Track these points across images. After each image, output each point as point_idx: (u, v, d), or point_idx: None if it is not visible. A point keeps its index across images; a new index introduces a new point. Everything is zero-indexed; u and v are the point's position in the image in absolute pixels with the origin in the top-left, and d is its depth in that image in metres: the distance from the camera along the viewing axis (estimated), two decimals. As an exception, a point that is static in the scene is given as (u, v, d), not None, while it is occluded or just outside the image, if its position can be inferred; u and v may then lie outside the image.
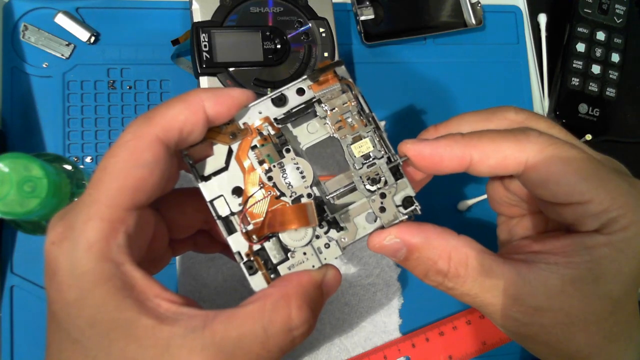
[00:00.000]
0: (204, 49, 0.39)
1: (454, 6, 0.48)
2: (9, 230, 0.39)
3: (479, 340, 0.43)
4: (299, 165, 0.26)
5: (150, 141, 0.21)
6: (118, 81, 0.42)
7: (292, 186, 0.25)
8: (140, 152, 0.21)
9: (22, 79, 0.41)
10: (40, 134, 0.41)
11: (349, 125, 0.26)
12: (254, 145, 0.25)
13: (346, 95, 0.26)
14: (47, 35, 0.41)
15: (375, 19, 0.46)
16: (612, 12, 0.50)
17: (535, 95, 0.49)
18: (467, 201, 0.45)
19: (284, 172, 0.26)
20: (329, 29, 0.42)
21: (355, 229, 0.26)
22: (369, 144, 0.26)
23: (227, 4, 0.40)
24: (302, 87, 0.26)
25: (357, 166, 0.26)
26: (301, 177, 0.25)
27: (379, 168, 0.26)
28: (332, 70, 0.26)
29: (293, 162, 0.26)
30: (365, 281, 0.43)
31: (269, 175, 0.25)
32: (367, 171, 0.26)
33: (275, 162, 0.25)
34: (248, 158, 0.25)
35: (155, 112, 0.22)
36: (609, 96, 0.49)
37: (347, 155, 0.26)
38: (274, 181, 0.25)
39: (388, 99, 0.46)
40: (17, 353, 0.38)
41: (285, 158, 0.26)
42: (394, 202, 0.26)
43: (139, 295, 0.20)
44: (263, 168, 0.25)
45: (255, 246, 0.25)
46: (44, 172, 0.28)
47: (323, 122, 0.26)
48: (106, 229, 0.20)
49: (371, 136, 0.26)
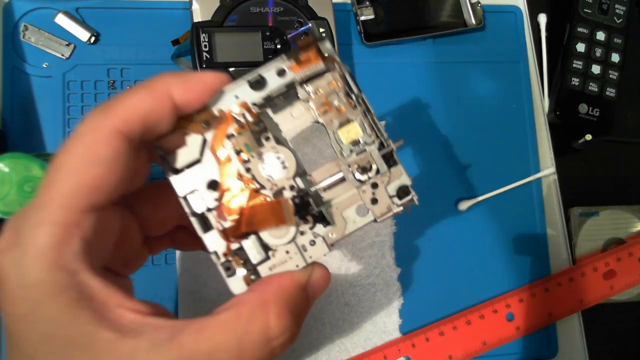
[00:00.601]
0: (204, 49, 0.39)
1: (454, 6, 0.48)
2: (9, 230, 0.39)
3: (479, 340, 0.43)
4: (280, 155, 0.23)
5: (109, 134, 0.19)
6: (118, 81, 0.42)
7: (272, 178, 0.23)
8: (97, 146, 0.19)
9: (22, 79, 0.41)
10: (41, 134, 0.41)
11: (335, 108, 0.23)
12: (230, 134, 0.23)
13: (331, 75, 0.23)
14: (47, 35, 0.41)
15: (375, 19, 0.46)
16: (612, 12, 0.50)
17: (535, 95, 0.49)
18: (467, 201, 0.45)
19: (264, 163, 0.23)
20: (329, 29, 0.42)
21: (344, 223, 0.23)
22: (357, 129, 0.23)
23: (227, 4, 0.40)
24: (282, 67, 0.23)
25: (345, 153, 0.23)
26: (283, 168, 0.23)
27: (369, 155, 0.23)
28: (315, 48, 0.23)
29: (273, 151, 0.23)
30: (365, 281, 0.43)
31: (247, 167, 0.22)
32: (356, 159, 0.23)
33: (253, 151, 0.23)
34: (224, 148, 0.22)
35: (115, 101, 0.19)
36: (609, 96, 0.49)
37: (333, 142, 0.23)
38: (253, 173, 0.22)
39: (388, 99, 0.46)
40: (17, 353, 0.38)
41: (265, 147, 0.23)
42: (388, 193, 0.23)
43: (98, 306, 0.18)
44: (240, 159, 0.22)
45: (234, 245, 0.22)
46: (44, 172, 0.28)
47: (306, 106, 0.23)
48: (58, 234, 0.18)
49: (360, 120, 0.23)
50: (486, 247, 0.46)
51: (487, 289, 0.45)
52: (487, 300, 0.44)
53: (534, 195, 0.47)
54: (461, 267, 0.45)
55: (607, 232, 0.48)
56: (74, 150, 0.19)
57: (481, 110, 0.48)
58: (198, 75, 0.21)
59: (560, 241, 0.47)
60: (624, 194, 0.50)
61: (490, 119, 0.48)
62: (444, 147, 0.47)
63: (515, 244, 0.46)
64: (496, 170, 0.47)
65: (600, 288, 0.45)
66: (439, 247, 0.45)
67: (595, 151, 0.50)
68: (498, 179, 0.47)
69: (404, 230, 0.44)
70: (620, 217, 0.48)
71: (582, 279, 0.44)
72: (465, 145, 0.47)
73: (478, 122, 0.47)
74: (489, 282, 0.45)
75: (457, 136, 0.47)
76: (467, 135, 0.47)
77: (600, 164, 0.51)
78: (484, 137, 0.47)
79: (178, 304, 0.40)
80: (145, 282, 0.40)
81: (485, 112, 0.48)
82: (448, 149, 0.47)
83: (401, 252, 0.44)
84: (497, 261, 0.46)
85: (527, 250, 0.46)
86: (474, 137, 0.47)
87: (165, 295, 0.40)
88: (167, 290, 0.41)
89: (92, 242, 0.19)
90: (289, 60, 0.23)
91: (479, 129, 0.47)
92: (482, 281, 0.45)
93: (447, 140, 0.47)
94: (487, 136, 0.47)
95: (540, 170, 0.48)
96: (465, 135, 0.47)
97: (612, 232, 0.48)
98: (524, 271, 0.46)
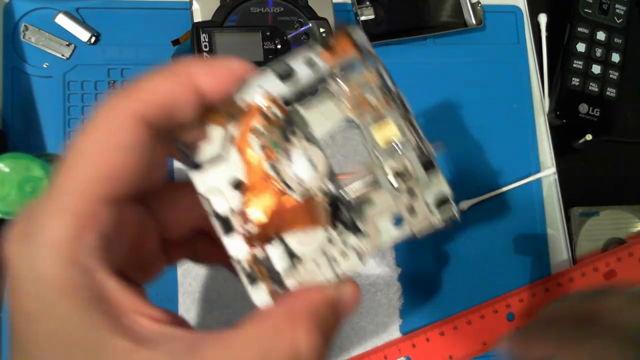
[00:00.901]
0: (205, 49, 0.39)
1: (454, 6, 0.48)
2: (10, 230, 0.39)
3: (479, 340, 0.43)
4: (310, 155, 0.21)
5: (129, 118, 0.17)
6: (118, 81, 0.42)
7: (301, 179, 0.21)
8: (117, 131, 0.17)
9: (23, 79, 0.41)
10: (41, 134, 0.41)
11: (370, 106, 0.21)
12: (257, 129, 0.21)
13: (366, 69, 0.21)
14: (47, 35, 0.41)
15: (375, 19, 0.46)
16: (612, 12, 0.50)
17: (536, 95, 0.49)
18: (467, 201, 0.45)
19: (292, 163, 0.21)
20: (329, 29, 0.42)
21: (377, 233, 0.21)
22: (394, 129, 0.21)
23: (227, 4, 0.40)
24: (312, 56, 0.20)
25: (381, 156, 0.21)
26: (312, 169, 0.21)
27: (407, 159, 0.21)
28: (349, 37, 0.21)
29: (303, 150, 0.21)
30: (365, 281, 0.43)
31: (275, 166, 0.21)
32: (392, 162, 0.21)
33: (281, 149, 0.21)
34: (249, 144, 0.21)
35: (135, 84, 0.18)
36: (609, 96, 0.49)
37: (367, 142, 0.21)
38: (280, 173, 0.21)
39: (388, 99, 0.46)
40: (17, 353, 0.38)
41: (294, 145, 0.21)
42: (426, 202, 0.21)
43: (113, 309, 0.17)
44: (267, 157, 0.20)
45: (258, 251, 0.20)
46: (45, 172, 0.28)
47: (338, 101, 0.21)
48: (74, 225, 0.16)
49: (397, 119, 0.21)
50: (486, 247, 0.46)
51: (487, 289, 0.45)
52: (488, 301, 0.44)
53: (534, 195, 0.47)
54: (461, 267, 0.45)
55: (607, 232, 0.48)
56: (92, 135, 0.17)
57: (481, 110, 0.48)
58: (223, 61, 0.19)
59: (561, 241, 0.47)
60: (624, 194, 0.50)
61: (490, 119, 0.48)
62: (444, 147, 0.46)
63: (515, 244, 0.46)
64: (496, 170, 0.47)
65: (601, 288, 0.45)
66: (439, 247, 0.45)
67: (595, 151, 0.50)
68: (498, 179, 0.47)
69: (404, 230, 0.44)
70: (621, 217, 0.48)
71: (583, 279, 0.44)
72: (465, 145, 0.47)
73: (478, 122, 0.47)
74: (489, 282, 0.45)
75: (457, 136, 0.47)
76: (467, 135, 0.47)
77: (600, 164, 0.51)
78: (484, 137, 0.47)
79: (178, 304, 0.40)
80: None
81: (485, 112, 0.48)
82: (448, 149, 0.47)
83: (401, 252, 0.44)
84: (497, 261, 0.45)
85: (527, 250, 0.46)
86: (474, 137, 0.47)
87: (165, 295, 0.40)
88: (167, 290, 0.41)
89: (109, 238, 0.17)
90: (320, 49, 0.20)
91: (479, 129, 0.47)
92: (482, 281, 0.45)
93: (447, 140, 0.47)
94: (487, 136, 0.47)
95: (541, 170, 0.48)
96: (465, 135, 0.47)
97: (612, 232, 0.48)
98: (524, 271, 0.46)
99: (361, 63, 0.21)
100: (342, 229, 0.21)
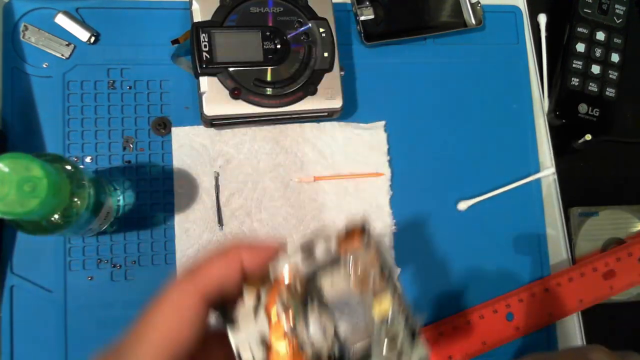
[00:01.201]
0: (204, 49, 0.39)
1: (454, 6, 0.48)
2: (9, 230, 0.39)
3: (479, 340, 0.43)
4: (321, 320, 0.26)
5: (194, 299, 0.22)
6: (118, 81, 0.42)
7: (313, 341, 0.26)
8: (184, 309, 0.22)
9: (22, 79, 0.41)
10: (40, 134, 0.41)
11: (370, 283, 0.27)
12: (281, 296, 0.26)
13: (369, 254, 0.27)
14: (47, 35, 0.41)
15: (375, 19, 0.46)
16: (612, 12, 0.50)
17: (535, 95, 0.49)
18: (467, 201, 0.45)
19: (308, 325, 0.26)
20: (329, 29, 0.42)
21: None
22: (388, 304, 0.27)
23: (227, 4, 0.40)
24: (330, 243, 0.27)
25: (377, 327, 0.26)
26: (323, 333, 0.26)
27: (397, 330, 0.26)
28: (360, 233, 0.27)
29: (316, 316, 0.26)
30: (365, 281, 0.43)
31: (294, 328, 0.26)
32: (385, 333, 0.27)
33: (300, 315, 0.26)
34: (275, 309, 0.26)
35: (198, 268, 0.23)
36: (608, 96, 0.49)
37: (367, 315, 0.27)
38: (298, 334, 0.26)
39: (388, 99, 0.46)
40: (17, 353, 0.38)
41: (310, 311, 0.26)
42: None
43: None
44: (288, 320, 0.26)
45: None
46: (44, 172, 0.28)
47: (347, 277, 0.27)
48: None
49: (391, 295, 0.27)
50: (486, 247, 0.46)
51: (487, 289, 0.45)
52: (487, 301, 0.44)
53: (534, 195, 0.47)
54: (461, 267, 0.45)
55: (606, 232, 0.48)
56: (163, 310, 0.22)
57: (481, 110, 0.48)
58: (264, 244, 0.24)
59: (560, 241, 0.47)
60: (623, 194, 0.50)
61: (490, 119, 0.48)
62: (444, 147, 0.47)
63: (515, 244, 0.46)
64: (496, 170, 0.47)
65: (600, 288, 0.45)
66: (439, 247, 0.45)
67: (595, 151, 0.50)
68: (498, 179, 0.47)
69: (403, 230, 0.44)
70: (620, 217, 0.48)
71: (582, 279, 0.44)
72: (465, 145, 0.47)
73: (478, 122, 0.47)
74: (488, 282, 0.45)
75: (457, 136, 0.47)
76: (467, 135, 0.47)
77: (600, 164, 0.51)
78: (484, 137, 0.47)
79: (178, 304, 0.40)
80: (145, 282, 0.40)
81: (485, 112, 0.48)
82: (448, 149, 0.47)
83: (401, 252, 0.44)
84: (497, 261, 0.46)
85: (527, 250, 0.46)
86: (474, 137, 0.47)
87: (165, 295, 0.40)
88: (167, 290, 0.41)
89: None
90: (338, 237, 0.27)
91: (479, 129, 0.47)
92: (482, 281, 0.45)
93: (447, 140, 0.47)
94: (487, 136, 0.47)
95: (540, 170, 0.48)
96: (465, 135, 0.47)
97: (611, 232, 0.48)
98: (524, 271, 0.46)
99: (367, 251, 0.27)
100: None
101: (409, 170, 0.45)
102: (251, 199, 0.42)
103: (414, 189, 0.45)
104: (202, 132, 0.42)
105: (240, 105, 0.39)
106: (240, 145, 0.43)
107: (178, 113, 0.43)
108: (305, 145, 0.44)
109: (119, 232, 0.41)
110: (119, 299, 0.40)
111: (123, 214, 0.41)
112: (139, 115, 0.42)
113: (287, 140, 0.44)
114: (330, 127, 0.44)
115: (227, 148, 0.43)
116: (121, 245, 0.41)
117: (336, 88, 0.42)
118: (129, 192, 0.41)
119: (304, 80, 0.41)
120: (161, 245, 0.41)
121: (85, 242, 0.40)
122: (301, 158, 0.44)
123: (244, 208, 0.42)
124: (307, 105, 0.41)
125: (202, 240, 0.41)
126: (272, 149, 0.43)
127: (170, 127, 0.42)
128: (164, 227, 0.41)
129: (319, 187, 0.43)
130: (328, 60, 0.42)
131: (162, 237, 0.41)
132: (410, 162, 0.46)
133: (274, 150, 0.43)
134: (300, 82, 0.41)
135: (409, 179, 0.45)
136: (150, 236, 0.41)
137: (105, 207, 0.36)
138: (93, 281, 0.40)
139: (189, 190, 0.42)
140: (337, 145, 0.44)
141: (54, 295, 0.39)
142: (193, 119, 0.43)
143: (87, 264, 0.40)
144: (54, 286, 0.39)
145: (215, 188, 0.42)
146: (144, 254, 0.41)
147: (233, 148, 0.43)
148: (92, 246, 0.40)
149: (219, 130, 0.43)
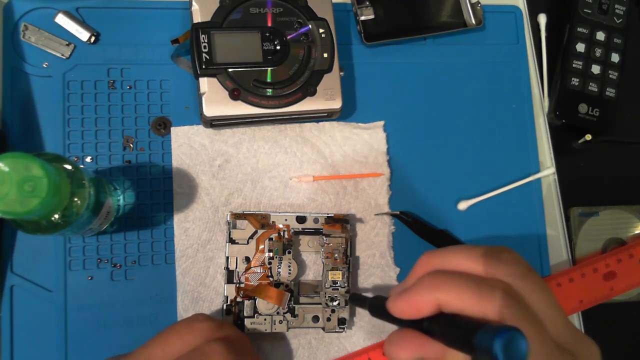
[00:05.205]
0: (204, 49, 0.39)
1: (454, 6, 0.48)
2: (9, 230, 0.39)
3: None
4: (290, 265, 0.39)
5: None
6: (118, 81, 0.42)
7: (280, 275, 0.39)
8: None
9: (22, 78, 0.41)
10: (40, 133, 0.41)
11: (333, 258, 0.40)
12: (271, 238, 0.40)
13: (341, 238, 0.40)
14: (47, 35, 0.41)
15: (375, 19, 0.46)
16: (612, 12, 0.50)
17: (535, 95, 0.49)
18: (467, 201, 0.45)
19: (280, 264, 0.39)
20: (329, 29, 0.42)
21: (303, 320, 0.40)
22: (339, 275, 0.40)
23: (226, 5, 0.40)
24: (319, 219, 0.41)
25: (327, 285, 0.40)
26: (289, 273, 0.39)
27: (339, 293, 0.40)
28: (342, 223, 0.41)
29: (288, 261, 0.39)
30: (365, 281, 0.43)
31: (270, 262, 0.39)
32: (331, 291, 0.40)
33: (278, 255, 0.39)
34: (263, 244, 0.40)
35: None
36: (608, 96, 0.49)
37: (323, 276, 0.40)
38: (271, 266, 0.39)
39: (388, 99, 0.46)
40: (17, 353, 0.38)
41: (285, 256, 0.39)
42: (338, 318, 0.40)
43: None
44: (269, 255, 0.39)
45: (239, 299, 0.39)
46: (44, 172, 0.28)
47: (320, 247, 0.41)
48: None
49: (344, 271, 0.40)
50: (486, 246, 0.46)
51: (486, 289, 0.44)
52: (487, 301, 0.44)
53: (534, 195, 0.47)
54: (461, 267, 0.45)
55: (607, 232, 0.48)
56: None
57: (481, 110, 0.48)
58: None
59: (560, 241, 0.47)
60: (623, 194, 0.50)
61: (490, 119, 0.48)
62: (443, 147, 0.47)
63: (515, 244, 0.46)
64: (496, 170, 0.47)
65: (601, 289, 0.44)
66: (439, 247, 0.45)
67: (595, 151, 0.50)
68: (498, 179, 0.47)
69: (403, 230, 0.44)
70: (620, 217, 0.48)
71: (582, 279, 0.44)
72: (465, 145, 0.47)
73: (478, 122, 0.47)
74: (488, 282, 0.45)
75: (457, 136, 0.47)
76: (467, 135, 0.47)
77: (600, 164, 0.51)
78: (484, 137, 0.47)
79: (177, 303, 0.40)
80: (145, 282, 0.40)
81: (485, 112, 0.48)
82: (448, 149, 0.47)
83: (401, 252, 0.44)
84: (496, 261, 0.45)
85: (527, 250, 0.46)
86: (474, 137, 0.47)
87: (164, 295, 0.41)
88: (167, 290, 0.41)
89: None
90: (327, 219, 0.41)
91: (479, 129, 0.47)
92: (482, 281, 0.45)
93: (447, 140, 0.47)
94: (487, 136, 0.47)
95: (540, 170, 0.48)
96: (466, 135, 0.47)
97: (612, 232, 0.48)
98: (523, 271, 0.46)
99: (341, 237, 0.40)
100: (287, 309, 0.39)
101: (408, 170, 0.45)
102: (250, 199, 0.42)
103: (414, 189, 0.45)
104: (200, 132, 0.42)
105: (240, 106, 0.40)
106: (239, 145, 0.43)
107: (178, 113, 0.43)
108: (304, 144, 0.44)
109: (119, 232, 0.41)
110: (119, 299, 0.40)
111: (123, 214, 0.41)
112: (139, 115, 0.42)
113: (286, 139, 0.44)
114: (330, 126, 0.44)
115: (226, 147, 0.43)
116: (121, 245, 0.41)
117: (336, 89, 0.42)
118: (129, 192, 0.41)
119: (303, 81, 0.41)
120: (161, 245, 0.41)
121: (85, 242, 0.40)
122: (300, 158, 0.44)
123: (243, 207, 0.42)
124: (306, 106, 0.41)
125: (201, 240, 0.41)
126: (271, 148, 0.43)
127: (170, 126, 0.42)
128: (164, 227, 0.41)
129: (318, 186, 0.43)
130: (328, 61, 0.42)
131: (162, 236, 0.41)
132: (409, 162, 0.46)
133: (273, 150, 0.43)
134: (300, 83, 0.41)
135: (408, 178, 0.45)
136: (150, 236, 0.41)
137: (105, 206, 0.36)
138: (93, 281, 0.40)
139: (188, 189, 0.42)
140: (336, 145, 0.44)
141: (54, 295, 0.39)
142: (193, 119, 0.43)
143: (87, 264, 0.40)
144: (54, 286, 0.39)
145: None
146: (144, 254, 0.41)
147: (232, 147, 0.43)
148: (92, 246, 0.40)
149: (218, 130, 0.43)
